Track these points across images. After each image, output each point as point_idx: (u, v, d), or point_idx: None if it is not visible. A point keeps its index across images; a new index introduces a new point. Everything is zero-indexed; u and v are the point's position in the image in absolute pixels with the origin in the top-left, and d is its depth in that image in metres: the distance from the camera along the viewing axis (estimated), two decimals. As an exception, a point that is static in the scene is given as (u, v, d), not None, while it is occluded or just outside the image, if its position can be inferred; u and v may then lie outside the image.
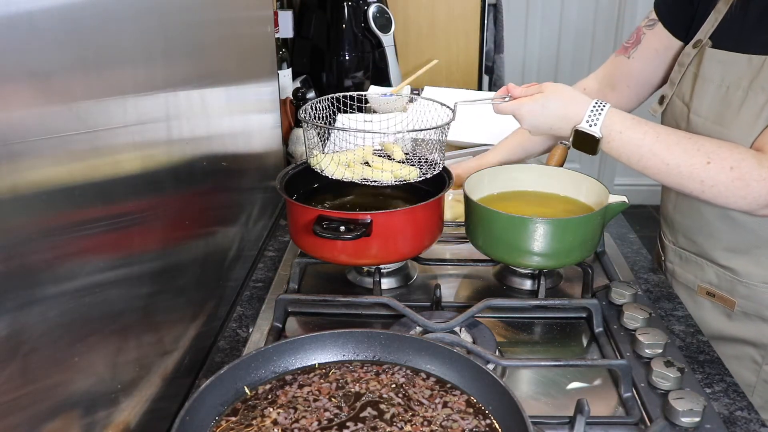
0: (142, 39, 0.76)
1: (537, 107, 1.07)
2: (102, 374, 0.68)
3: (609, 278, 1.14)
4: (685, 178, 1.00)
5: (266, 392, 0.77)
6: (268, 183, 1.31)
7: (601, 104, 1.04)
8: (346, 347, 0.83)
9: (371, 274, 1.12)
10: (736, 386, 0.91)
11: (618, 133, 1.03)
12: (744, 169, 0.97)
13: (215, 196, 1.06)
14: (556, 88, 1.08)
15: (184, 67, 0.90)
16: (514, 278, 1.15)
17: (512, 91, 1.10)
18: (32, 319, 0.55)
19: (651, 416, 0.83)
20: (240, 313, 1.07)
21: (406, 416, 0.73)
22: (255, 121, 1.32)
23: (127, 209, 0.73)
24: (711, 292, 1.17)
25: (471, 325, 0.97)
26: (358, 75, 2.00)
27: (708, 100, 1.07)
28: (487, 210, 1.04)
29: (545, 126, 1.08)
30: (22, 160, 0.54)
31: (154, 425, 0.79)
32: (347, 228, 0.98)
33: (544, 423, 0.81)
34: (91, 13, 0.64)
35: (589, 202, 1.14)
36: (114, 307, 0.70)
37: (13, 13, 0.52)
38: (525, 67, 3.70)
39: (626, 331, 0.99)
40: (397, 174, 1.07)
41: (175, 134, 0.87)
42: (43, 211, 0.57)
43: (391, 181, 1.06)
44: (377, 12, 1.98)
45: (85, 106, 0.63)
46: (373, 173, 1.07)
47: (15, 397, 0.53)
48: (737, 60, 1.04)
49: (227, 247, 1.10)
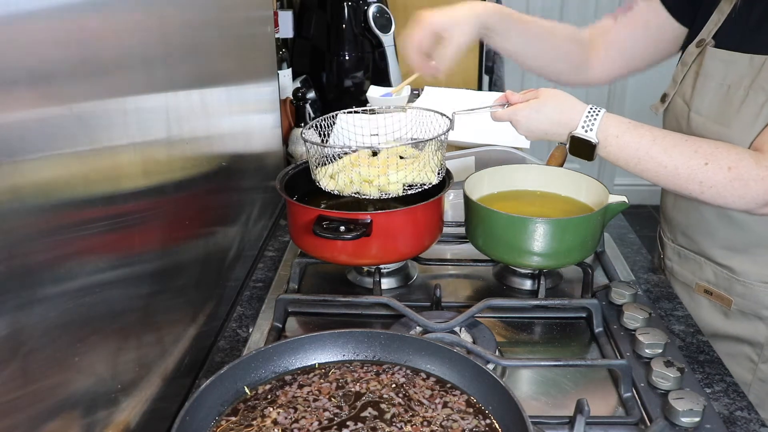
0: (142, 39, 0.76)
1: (532, 113, 1.06)
2: (102, 374, 0.68)
3: (609, 278, 1.14)
4: (684, 179, 1.00)
5: (266, 392, 0.77)
6: (268, 183, 1.31)
7: (597, 109, 1.04)
8: (346, 347, 0.83)
9: (371, 274, 1.12)
10: (736, 386, 0.91)
11: (614, 138, 1.03)
12: (742, 169, 0.97)
13: (215, 196, 1.06)
14: (552, 94, 1.07)
15: (184, 67, 0.90)
16: (514, 278, 1.15)
17: (510, 98, 1.10)
18: (32, 319, 0.55)
19: (651, 416, 0.83)
20: (240, 313, 1.07)
21: (406, 416, 0.73)
22: (255, 121, 1.32)
23: (127, 209, 0.73)
24: (708, 290, 1.17)
25: (471, 325, 0.97)
26: (358, 75, 2.00)
27: (709, 99, 1.07)
28: (487, 210, 1.04)
29: (540, 131, 1.08)
30: (23, 160, 0.54)
31: (154, 425, 0.79)
32: (347, 228, 0.98)
33: (544, 423, 0.81)
34: (91, 13, 0.64)
35: (589, 202, 1.14)
36: (114, 307, 0.70)
37: (13, 13, 0.52)
38: (525, 68, 3.69)
39: (626, 331, 0.99)
40: (384, 188, 1.06)
41: (175, 134, 0.87)
42: (43, 211, 0.57)
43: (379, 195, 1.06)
44: (377, 12, 1.98)
45: (85, 107, 0.63)
46: (361, 186, 1.07)
47: (15, 397, 0.53)
48: (739, 60, 1.04)
49: (227, 247, 1.10)
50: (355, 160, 1.09)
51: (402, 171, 1.06)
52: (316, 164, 1.10)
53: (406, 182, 1.06)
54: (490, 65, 2.55)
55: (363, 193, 1.06)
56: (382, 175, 1.06)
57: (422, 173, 1.07)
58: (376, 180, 1.06)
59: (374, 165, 1.08)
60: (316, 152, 1.08)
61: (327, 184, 1.08)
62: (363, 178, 1.06)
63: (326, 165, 1.09)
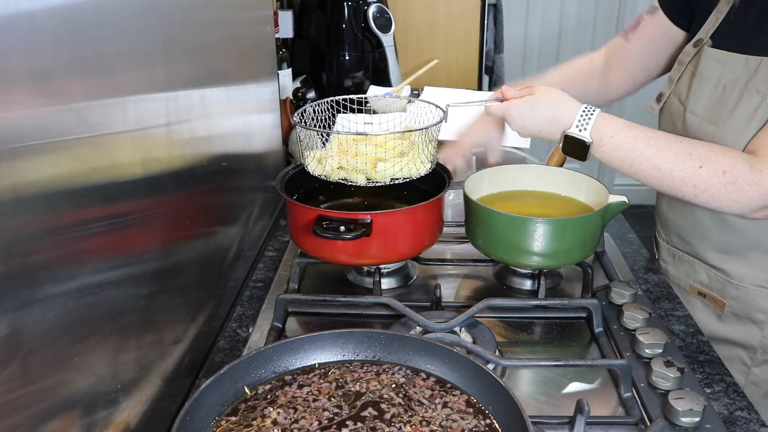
0: (142, 39, 0.76)
1: (526, 109, 1.06)
2: (102, 374, 0.68)
3: (609, 278, 1.14)
4: (678, 182, 1.00)
5: (266, 392, 0.77)
6: (268, 183, 1.31)
7: (591, 109, 1.04)
8: (346, 347, 0.83)
9: (371, 274, 1.12)
10: (735, 386, 0.91)
11: (609, 138, 1.02)
12: (736, 173, 0.96)
13: (215, 196, 1.06)
14: (547, 91, 1.07)
15: (184, 67, 0.90)
16: (514, 278, 1.15)
17: (505, 94, 1.10)
18: (32, 319, 0.55)
19: (651, 416, 0.83)
20: (240, 313, 1.07)
21: (406, 416, 0.73)
22: (255, 121, 1.32)
23: (128, 209, 0.73)
24: (702, 292, 1.17)
25: (471, 325, 0.97)
26: (358, 75, 2.00)
27: (704, 99, 1.07)
28: (487, 210, 1.04)
29: (534, 128, 1.07)
30: (23, 160, 0.54)
31: (154, 425, 0.79)
32: (347, 228, 0.98)
33: (544, 423, 0.81)
34: (91, 13, 0.64)
35: (589, 202, 1.14)
36: (114, 307, 0.70)
37: (13, 13, 0.52)
38: (525, 67, 3.69)
39: (626, 331, 0.99)
40: (371, 175, 1.06)
41: (175, 134, 0.87)
42: (43, 211, 0.57)
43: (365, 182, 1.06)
44: (377, 12, 1.98)
45: (85, 107, 0.63)
46: (348, 172, 1.06)
47: (15, 397, 0.53)
48: (735, 60, 1.04)
49: (227, 247, 1.10)
50: (343, 145, 1.08)
51: (391, 161, 1.06)
52: (304, 147, 1.10)
53: (394, 174, 1.06)
54: (490, 65, 2.56)
55: (350, 180, 1.06)
56: (370, 162, 1.06)
57: (412, 165, 1.07)
58: (363, 168, 1.06)
59: (362, 153, 1.07)
60: (306, 135, 1.08)
61: (315, 168, 1.08)
62: (351, 165, 1.06)
63: (315, 149, 1.09)
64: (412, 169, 1.07)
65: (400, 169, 1.06)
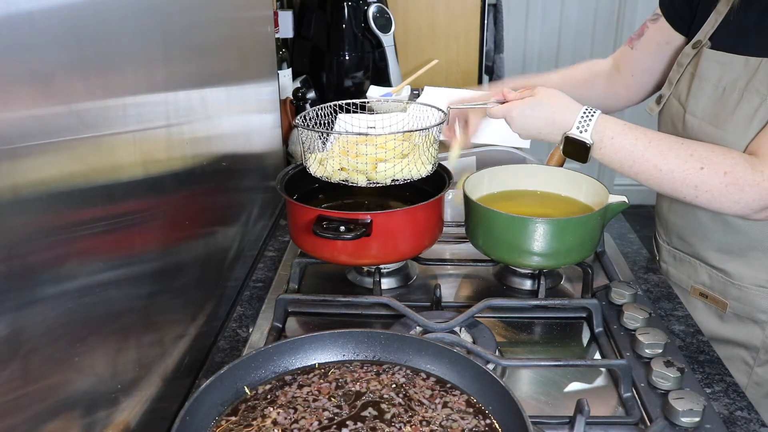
0: (142, 39, 0.76)
1: (526, 110, 1.06)
2: (102, 374, 0.68)
3: (609, 278, 1.14)
4: (679, 183, 1.00)
5: (266, 392, 0.77)
6: (268, 183, 1.31)
7: (592, 111, 1.04)
8: (346, 347, 0.83)
9: (371, 274, 1.12)
10: (736, 386, 0.91)
11: (609, 139, 1.02)
12: (737, 174, 0.96)
13: (215, 196, 1.06)
14: (547, 93, 1.07)
15: (184, 67, 0.90)
16: (514, 278, 1.15)
17: (506, 95, 1.10)
18: (32, 319, 0.55)
19: (651, 416, 0.83)
20: (240, 313, 1.07)
21: (406, 416, 0.73)
22: (255, 121, 1.32)
23: (128, 209, 0.73)
24: (704, 293, 1.17)
25: (471, 325, 0.97)
26: (358, 75, 2.00)
27: (704, 100, 1.07)
28: (487, 210, 1.04)
29: (534, 130, 1.07)
30: (23, 160, 0.54)
31: (154, 425, 0.79)
32: (347, 228, 0.98)
33: (544, 423, 0.81)
34: (91, 13, 0.64)
35: (589, 202, 1.14)
36: (114, 307, 0.70)
37: (13, 13, 0.52)
38: (525, 67, 3.69)
39: (626, 331, 0.99)
40: (372, 176, 1.06)
41: (175, 134, 0.87)
42: (43, 211, 0.57)
43: (366, 183, 1.06)
44: (377, 12, 1.98)
45: (85, 107, 0.63)
46: (349, 173, 1.06)
47: (15, 397, 0.53)
48: (734, 61, 1.03)
49: (227, 247, 1.10)
50: (344, 146, 1.09)
51: (391, 162, 1.06)
52: (306, 149, 1.10)
53: (395, 175, 1.06)
54: (490, 65, 2.56)
55: (351, 181, 1.06)
56: (371, 163, 1.06)
57: (413, 166, 1.07)
58: (364, 168, 1.05)
59: (363, 153, 1.07)
60: (308, 137, 1.08)
61: (316, 170, 1.08)
62: (352, 166, 1.06)
63: (316, 151, 1.09)
64: (413, 170, 1.07)
65: (400, 170, 1.06)
